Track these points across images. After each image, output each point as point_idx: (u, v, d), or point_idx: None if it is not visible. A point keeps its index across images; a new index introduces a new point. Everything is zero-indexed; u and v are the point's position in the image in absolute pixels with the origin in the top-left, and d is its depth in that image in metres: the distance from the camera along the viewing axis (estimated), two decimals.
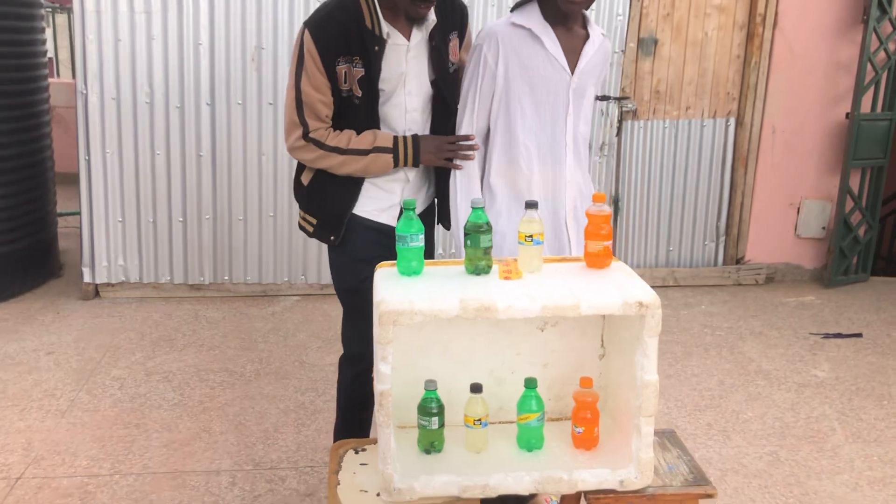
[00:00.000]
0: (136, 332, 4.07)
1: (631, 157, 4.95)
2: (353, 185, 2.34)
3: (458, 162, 2.36)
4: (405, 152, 2.32)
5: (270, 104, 4.42)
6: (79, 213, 4.60)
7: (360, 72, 2.23)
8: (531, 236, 1.93)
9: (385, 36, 2.24)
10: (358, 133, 2.28)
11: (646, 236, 5.07)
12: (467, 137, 2.35)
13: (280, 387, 3.51)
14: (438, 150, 2.34)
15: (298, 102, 2.23)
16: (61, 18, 7.89)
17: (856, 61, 4.88)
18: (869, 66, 4.87)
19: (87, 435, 3.06)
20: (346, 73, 2.22)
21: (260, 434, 3.11)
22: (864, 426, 3.33)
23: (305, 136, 2.25)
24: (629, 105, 4.82)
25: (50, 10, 7.76)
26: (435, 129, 2.40)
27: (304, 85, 2.21)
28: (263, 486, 2.76)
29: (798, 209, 5.20)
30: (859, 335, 4.35)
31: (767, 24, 4.86)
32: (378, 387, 1.80)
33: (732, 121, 5.03)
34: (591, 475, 1.88)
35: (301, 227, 2.49)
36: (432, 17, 2.28)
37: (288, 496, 2.71)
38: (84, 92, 4.32)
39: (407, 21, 2.26)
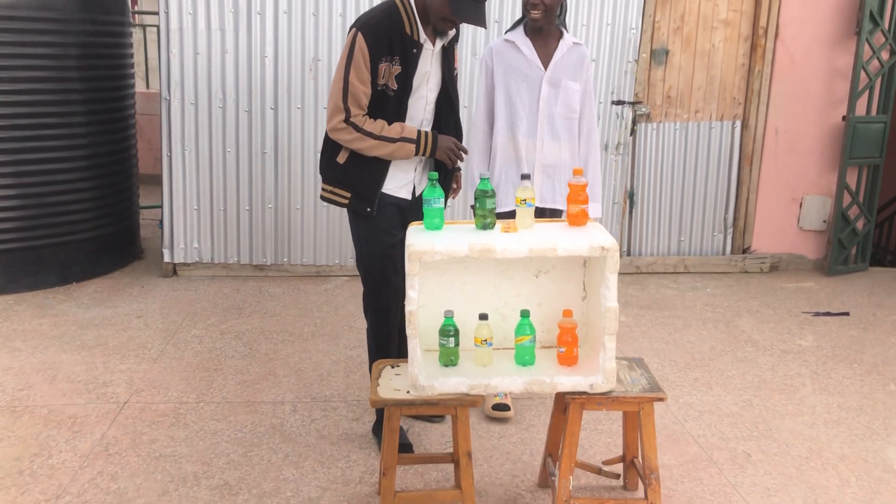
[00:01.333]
0: (209, 302, 4.77)
1: (645, 156, 5.51)
2: (382, 166, 2.92)
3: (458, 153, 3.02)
4: (426, 145, 2.90)
5: (325, 108, 5.09)
6: (158, 206, 5.32)
7: (397, 69, 2.82)
8: (525, 200, 2.55)
9: (422, 41, 2.86)
10: (388, 122, 2.86)
11: (658, 227, 5.62)
12: (464, 149, 3.01)
13: (332, 344, 4.16)
14: (448, 151, 2.95)
15: (345, 91, 2.79)
16: (137, 34, 8.70)
17: (851, 68, 5.37)
18: (863, 74, 5.36)
19: (176, 375, 3.74)
20: (385, 70, 2.81)
21: (316, 377, 3.76)
22: (831, 382, 3.85)
23: (347, 119, 2.81)
24: (643, 109, 5.39)
25: (133, 26, 8.57)
26: (440, 118, 3.02)
27: (352, 77, 2.78)
28: (319, 413, 3.40)
29: (800, 204, 5.69)
30: (846, 314, 4.84)
31: (769, 35, 5.40)
32: (408, 308, 2.42)
33: (738, 123, 5.56)
34: (567, 380, 2.48)
35: (328, 200, 3.00)
36: (452, 31, 2.93)
37: (339, 420, 3.35)
38: (168, 98, 5.05)
39: (433, 31, 2.89)
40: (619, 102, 5.30)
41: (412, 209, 3.03)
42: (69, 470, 2.90)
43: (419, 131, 2.90)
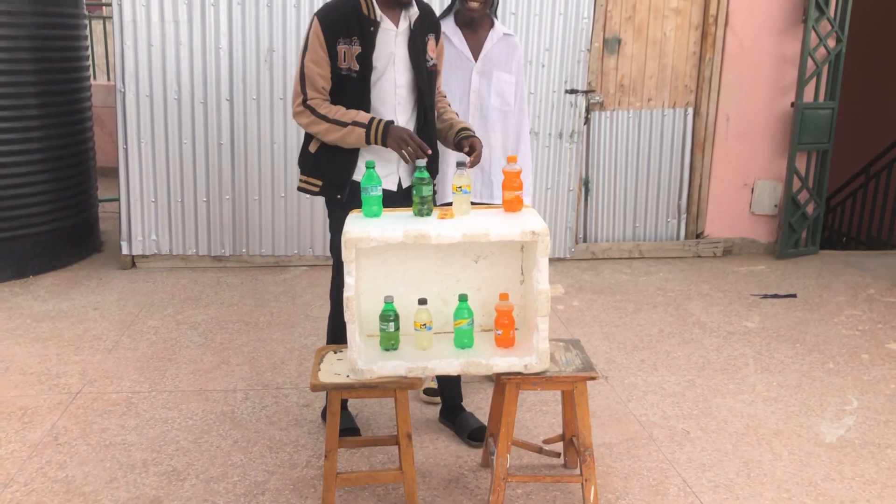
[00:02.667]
0: (167, 293, 4.79)
1: (599, 144, 5.60)
2: (352, 154, 2.92)
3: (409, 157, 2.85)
4: (376, 132, 2.84)
5: (281, 99, 5.13)
6: (115, 200, 5.33)
7: (357, 49, 2.83)
8: (461, 187, 2.61)
9: (378, 19, 2.85)
10: (351, 107, 2.84)
11: (613, 214, 5.71)
12: (423, 146, 2.78)
13: (287, 333, 4.21)
14: (400, 142, 2.77)
15: (302, 75, 2.85)
16: (96, 26, 8.64)
17: (799, 55, 5.49)
18: (810, 61, 5.48)
19: (130, 366, 3.77)
20: (345, 52, 2.82)
21: (269, 365, 3.80)
22: (773, 362, 3.96)
23: (304, 102, 2.84)
24: (596, 97, 5.47)
25: (87, 18, 8.52)
26: (419, 107, 2.96)
27: (307, 61, 2.83)
28: (270, 400, 3.46)
29: (752, 189, 5.82)
30: (794, 296, 4.97)
31: (719, 23, 5.49)
32: (345, 293, 2.47)
33: (690, 110, 5.66)
34: (502, 361, 2.55)
35: (303, 190, 3.01)
36: (414, 9, 2.89)
37: (289, 406, 3.40)
38: (122, 91, 5.05)
39: (395, 10, 2.87)
40: (572, 91, 5.37)
41: (396, 202, 2.94)
42: (17, 460, 2.93)
43: (372, 118, 2.84)
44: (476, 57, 3.26)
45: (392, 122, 2.86)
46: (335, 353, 2.79)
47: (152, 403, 3.40)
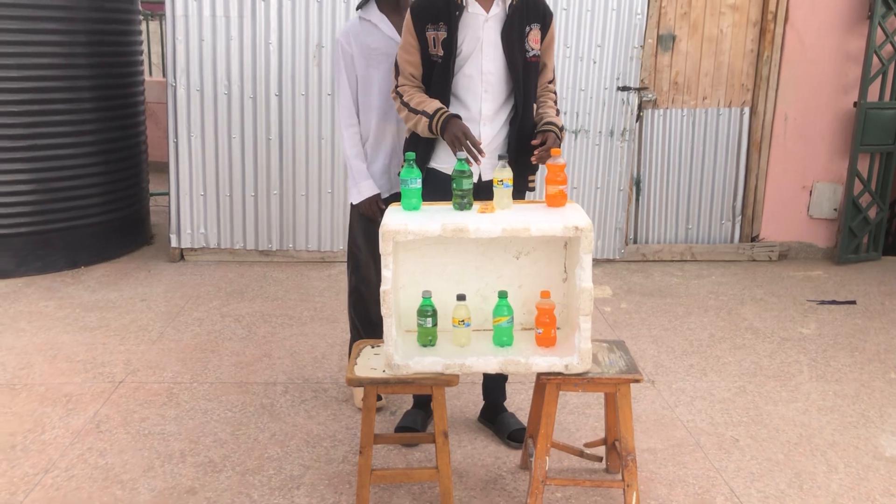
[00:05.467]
0: (213, 286, 4.82)
1: (652, 143, 5.47)
2: (428, 141, 2.87)
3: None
4: (437, 124, 2.77)
5: (329, 95, 5.13)
6: (167, 194, 5.41)
7: (443, 35, 2.78)
8: (502, 181, 2.54)
9: (464, 3, 2.79)
10: (436, 94, 2.80)
11: (665, 215, 5.57)
12: (477, 146, 2.68)
13: (330, 328, 4.19)
14: (454, 139, 2.70)
15: (396, 64, 2.88)
16: (154, 25, 8.81)
17: (863, 53, 5.28)
18: (875, 59, 5.26)
19: (173, 357, 3.79)
20: (434, 38, 2.79)
21: (310, 359, 3.79)
22: (830, 370, 3.79)
23: (395, 88, 2.88)
24: (649, 95, 5.34)
25: (143, 17, 8.69)
26: (514, 98, 2.87)
27: (399, 49, 2.86)
28: (309, 394, 3.43)
29: (810, 191, 5.61)
30: (853, 302, 4.77)
31: (779, 20, 5.31)
32: (382, 287, 2.43)
33: (747, 110, 5.49)
34: (543, 361, 2.48)
35: None
36: None
37: (328, 401, 3.38)
38: (173, 85, 5.11)
39: None
40: (624, 88, 5.25)
41: (476, 194, 2.77)
42: (60, 446, 2.96)
43: (438, 109, 2.77)
44: None
45: (457, 116, 2.78)
46: (372, 347, 2.74)
47: (193, 394, 3.41)
